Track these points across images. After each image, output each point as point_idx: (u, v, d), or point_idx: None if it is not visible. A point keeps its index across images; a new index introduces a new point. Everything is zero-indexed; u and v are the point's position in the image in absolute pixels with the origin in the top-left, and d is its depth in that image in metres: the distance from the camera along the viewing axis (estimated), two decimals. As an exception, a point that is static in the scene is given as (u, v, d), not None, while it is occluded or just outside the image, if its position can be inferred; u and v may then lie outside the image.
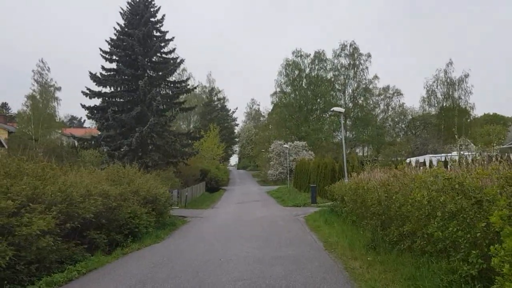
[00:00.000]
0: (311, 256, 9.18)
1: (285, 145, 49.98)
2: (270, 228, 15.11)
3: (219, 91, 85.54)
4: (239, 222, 17.79)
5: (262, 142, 66.36)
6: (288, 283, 6.64)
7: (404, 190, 9.01)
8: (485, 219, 5.67)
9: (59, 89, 49.22)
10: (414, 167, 17.85)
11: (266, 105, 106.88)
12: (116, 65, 30.43)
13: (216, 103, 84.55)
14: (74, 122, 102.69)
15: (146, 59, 31.04)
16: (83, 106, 30.44)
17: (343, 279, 7.00)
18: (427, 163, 31.04)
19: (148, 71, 31.34)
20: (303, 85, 68.02)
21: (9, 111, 76.26)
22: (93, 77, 29.92)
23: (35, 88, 47.53)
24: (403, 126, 77.27)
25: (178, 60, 32.91)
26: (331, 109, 20.31)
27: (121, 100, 30.64)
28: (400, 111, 75.70)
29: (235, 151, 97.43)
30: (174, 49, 32.55)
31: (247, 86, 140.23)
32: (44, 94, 49.53)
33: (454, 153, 39.05)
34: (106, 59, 30.35)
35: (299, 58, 67.68)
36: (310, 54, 67.96)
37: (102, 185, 12.01)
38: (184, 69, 65.86)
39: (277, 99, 68.46)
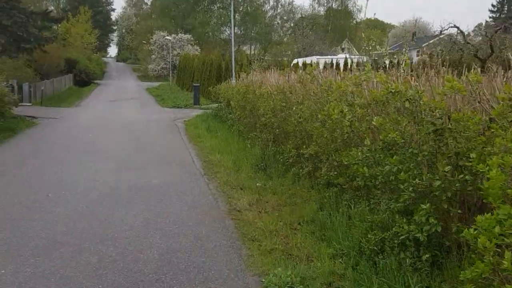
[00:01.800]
0: (184, 187, 6.75)
1: (168, 37, 45.16)
2: (139, 137, 12.32)
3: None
4: (103, 127, 14.58)
5: (144, 33, 59.80)
6: (131, 256, 4.10)
7: (311, 101, 6.82)
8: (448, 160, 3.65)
9: None
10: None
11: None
12: None
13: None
14: None
15: None
16: None
17: (226, 234, 4.70)
18: (313, 65, 29.98)
19: None
20: (191, -30, 61.19)
21: None
22: None
23: None
24: (291, 24, 75.91)
25: None
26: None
27: None
28: (290, 9, 73.76)
29: (112, 40, 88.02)
30: None
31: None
32: None
33: (341, 55, 38.84)
34: None
35: None
36: None
37: None
38: None
39: (161, -16, 61.04)
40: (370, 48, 11.68)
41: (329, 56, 37.70)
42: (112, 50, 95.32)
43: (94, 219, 5.09)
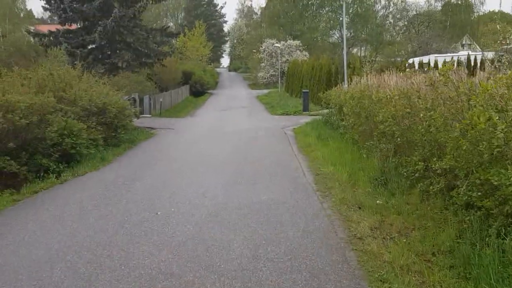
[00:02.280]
0: (295, 206, 6.14)
1: (277, 44, 45.40)
2: (248, 148, 12.08)
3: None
4: (214, 137, 14.76)
5: (254, 42, 61.26)
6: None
7: (444, 107, 5.77)
8: None
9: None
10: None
11: (259, 1, 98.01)
12: None
13: (202, -4, 77.32)
14: (54, 19, 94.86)
15: None
16: (37, -5, 25.64)
17: (348, 271, 3.95)
18: (432, 64, 27.58)
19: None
20: (298, -24, 61.12)
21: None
22: (45, -43, 24.69)
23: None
24: (405, 23, 71.69)
25: None
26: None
27: (81, -13, 25.70)
28: (403, 7, 69.77)
29: (225, 51, 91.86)
30: None
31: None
32: (10, -15, 43.89)
33: (462, 52, 35.40)
34: None
35: None
36: None
37: (9, 93, 8.65)
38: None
39: (269, -8, 61.91)
40: (508, 41, 9.98)
41: (448, 54, 34.54)
42: (225, 61, 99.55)
43: (199, 243, 4.70)
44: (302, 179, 7.81)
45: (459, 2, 62.85)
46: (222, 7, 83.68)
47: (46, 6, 26.30)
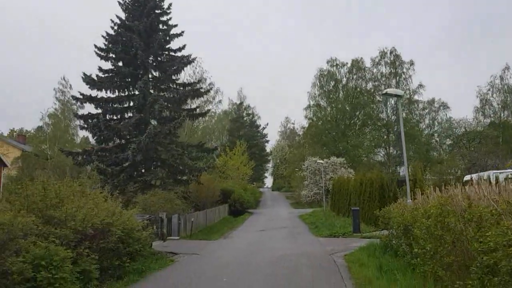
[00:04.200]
0: None
1: (320, 161, 43.50)
2: (286, 287, 9.06)
3: (248, 107, 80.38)
4: (245, 266, 11.82)
5: (296, 161, 59.94)
6: None
7: None
8: None
9: (82, 107, 45.67)
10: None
11: (301, 122, 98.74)
12: (112, 63, 25.41)
13: (245, 118, 79.16)
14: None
15: (149, 57, 25.99)
16: (76, 115, 25.71)
17: None
18: (493, 181, 24.36)
19: (151, 71, 26.22)
20: (340, 97, 61.56)
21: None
22: (87, 79, 25.02)
23: (56, 106, 44.92)
24: (452, 141, 68.91)
25: (190, 58, 27.16)
26: (384, 91, 14.38)
27: (119, 106, 25.52)
28: (448, 125, 67.66)
29: (267, 170, 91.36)
30: (184, 46, 26.96)
31: (281, 101, 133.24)
32: (66, 113, 46.33)
33: (526, 169, 32.07)
34: (102, 57, 25.41)
35: (334, 67, 61.21)
36: (347, 63, 61.24)
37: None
38: (211, 83, 58.94)
39: (311, 114, 62.01)
40: None
41: (509, 170, 31.28)
42: (268, 181, 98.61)
43: None
44: None
45: (508, 119, 60.45)
46: (264, 128, 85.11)
47: (84, 125, 26.02)
